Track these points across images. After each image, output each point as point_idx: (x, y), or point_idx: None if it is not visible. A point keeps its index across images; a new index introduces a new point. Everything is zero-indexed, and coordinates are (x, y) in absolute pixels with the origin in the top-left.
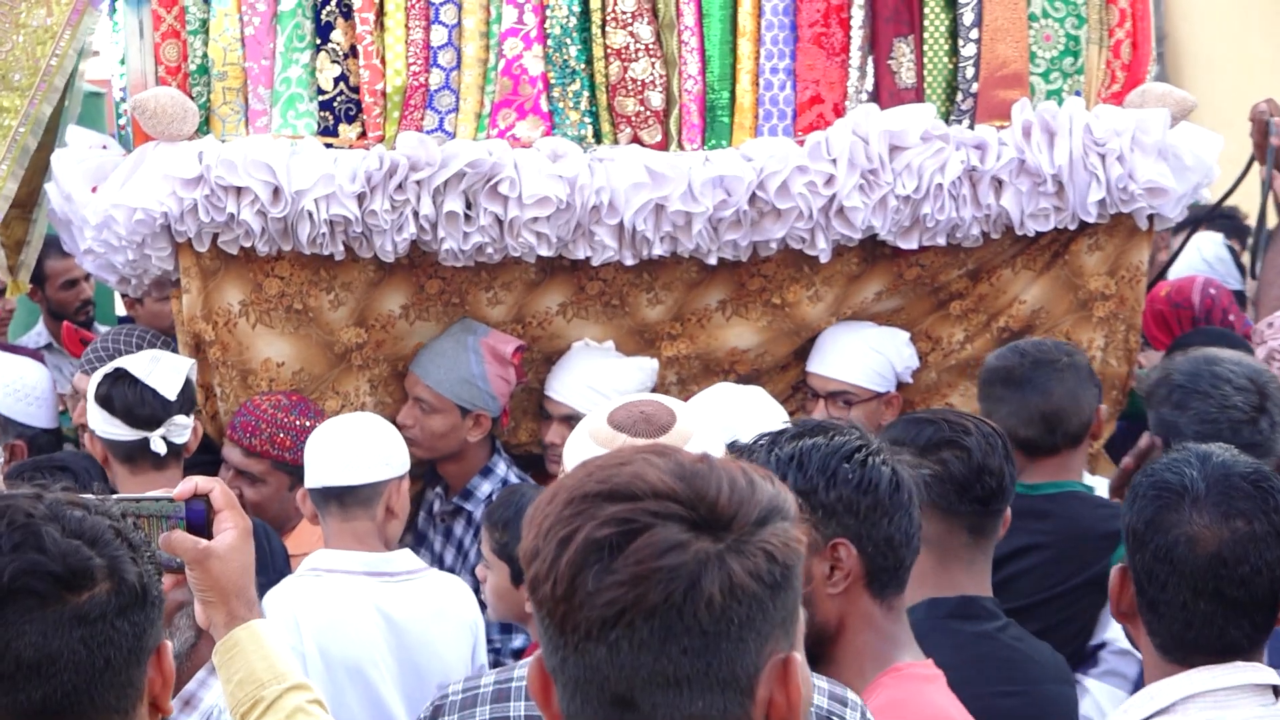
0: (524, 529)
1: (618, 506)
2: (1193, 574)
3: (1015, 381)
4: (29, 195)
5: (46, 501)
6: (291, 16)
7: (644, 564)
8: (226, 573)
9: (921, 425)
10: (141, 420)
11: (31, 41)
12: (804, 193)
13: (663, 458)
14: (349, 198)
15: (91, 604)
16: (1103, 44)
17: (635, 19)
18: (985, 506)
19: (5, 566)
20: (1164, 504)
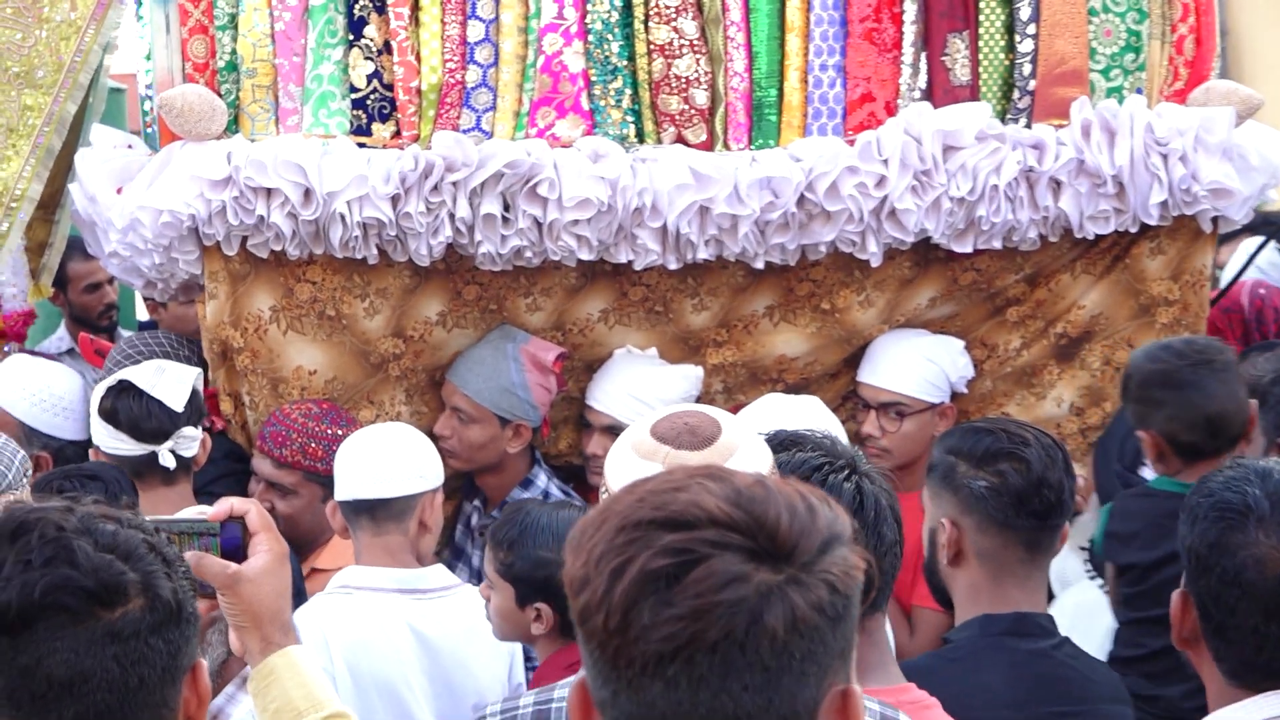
0: (569, 554)
1: (674, 535)
2: (1263, 596)
3: (1176, 384)
4: (51, 196)
5: (78, 514)
6: (323, 11)
7: (704, 597)
8: (259, 597)
9: (979, 435)
10: (148, 434)
11: (55, 37)
12: (854, 194)
13: (718, 482)
14: (383, 199)
15: (125, 621)
16: (1165, 39)
17: (680, 14)
18: (1043, 521)
19: (36, 582)
20: (1228, 525)
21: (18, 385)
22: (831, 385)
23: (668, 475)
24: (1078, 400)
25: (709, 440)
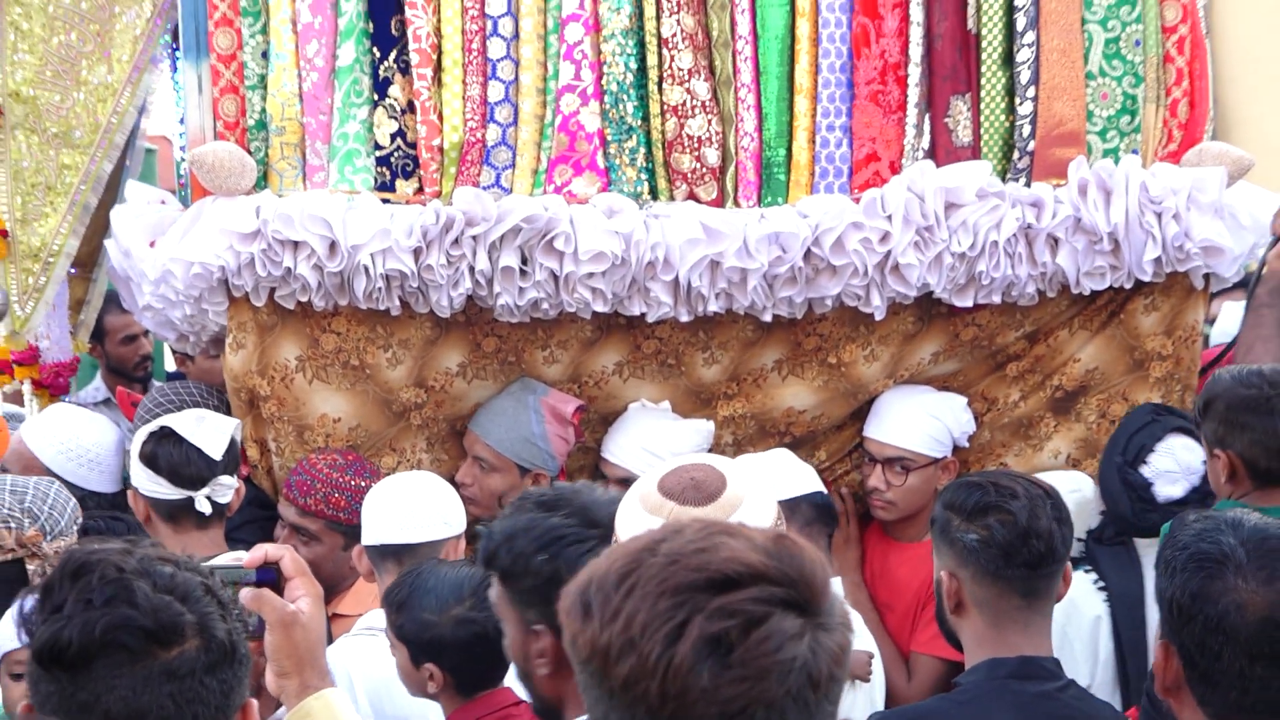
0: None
1: (725, 597)
2: (1247, 640)
3: (1266, 410)
4: (89, 255)
5: (137, 556)
6: (349, 72)
7: (766, 657)
8: (306, 641)
9: (970, 490)
10: (186, 480)
11: (92, 99)
12: (859, 249)
13: (739, 538)
14: (405, 252)
15: (181, 660)
16: (1160, 103)
17: (692, 76)
18: (1034, 570)
19: (97, 621)
20: (1207, 575)
21: (50, 434)
22: (838, 437)
23: (684, 533)
24: (1074, 452)
25: (713, 496)
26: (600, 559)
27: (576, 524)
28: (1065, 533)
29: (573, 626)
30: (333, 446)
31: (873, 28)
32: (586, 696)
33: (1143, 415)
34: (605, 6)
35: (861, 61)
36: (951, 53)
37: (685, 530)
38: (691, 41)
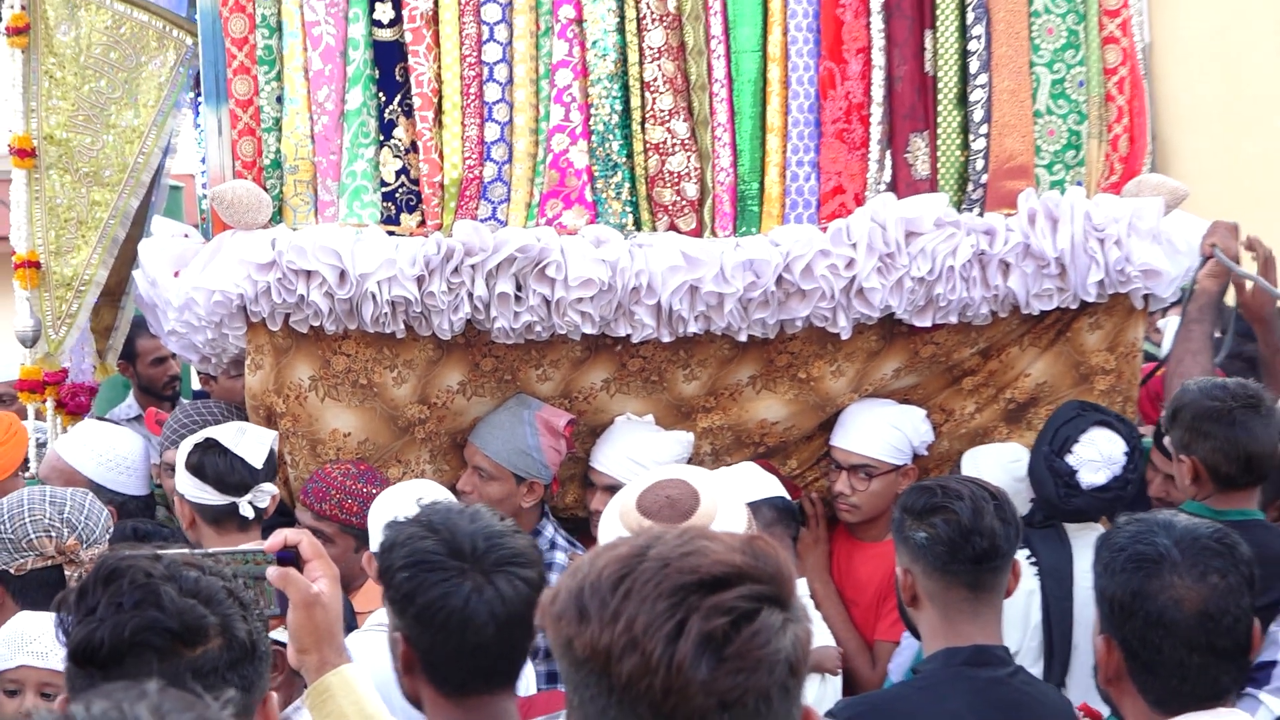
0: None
1: (717, 597)
2: (1185, 632)
3: (1228, 420)
4: (117, 284)
5: (164, 562)
6: (357, 115)
7: (758, 650)
8: (326, 619)
9: (920, 493)
10: (231, 487)
11: (120, 141)
12: (826, 275)
13: (715, 541)
14: (409, 280)
15: (205, 658)
16: (1102, 139)
17: (672, 116)
18: (979, 565)
19: (126, 623)
20: (1145, 574)
21: (87, 448)
22: (808, 447)
23: (666, 538)
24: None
25: (688, 514)
26: (583, 566)
27: (444, 553)
28: (1009, 531)
29: (567, 630)
30: (344, 458)
31: (838, 71)
32: (577, 695)
33: (1069, 410)
34: (592, 53)
35: (828, 102)
36: (910, 93)
37: (666, 536)
38: (672, 85)
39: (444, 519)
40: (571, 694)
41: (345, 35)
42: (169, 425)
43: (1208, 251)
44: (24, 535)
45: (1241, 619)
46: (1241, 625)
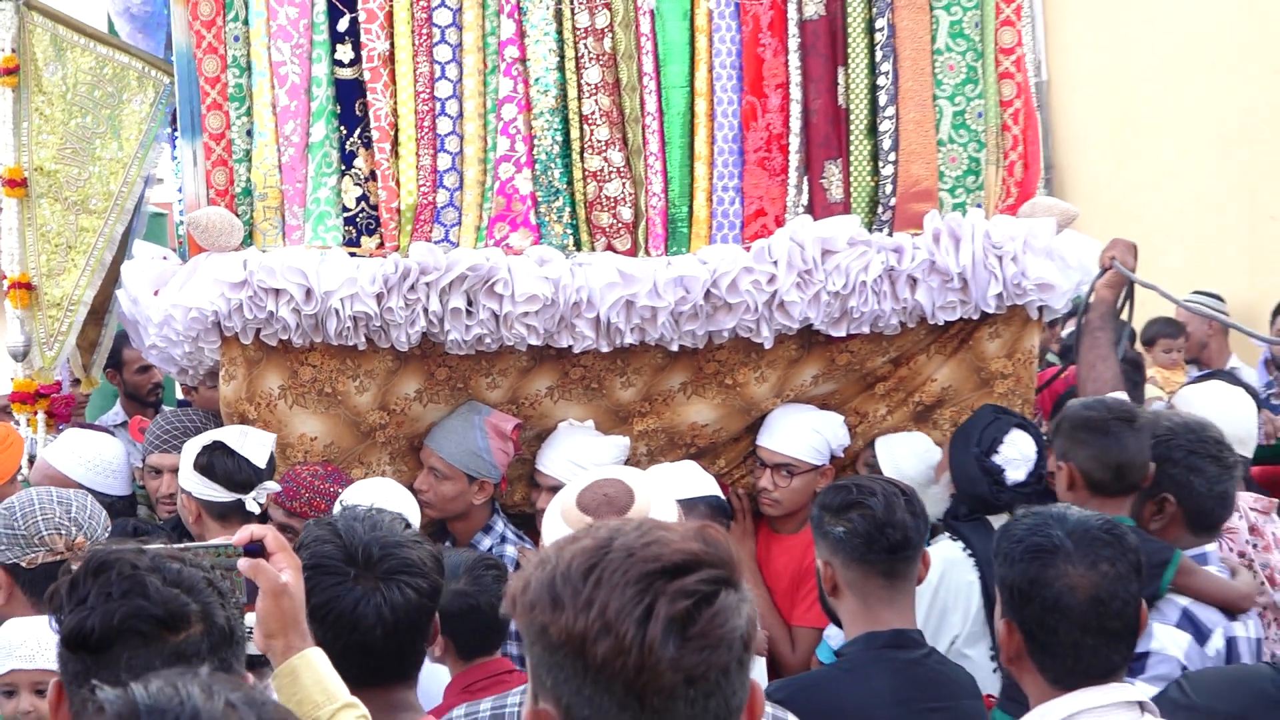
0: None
1: (680, 581)
2: (1079, 616)
3: (1099, 430)
4: (101, 303)
5: (149, 555)
6: (320, 147)
7: (719, 629)
8: (292, 606)
9: (837, 491)
10: (238, 484)
11: (105, 172)
12: (750, 290)
13: (671, 531)
14: (369, 297)
15: (187, 643)
16: (999, 165)
17: (608, 147)
18: (893, 555)
19: (115, 611)
20: (1042, 563)
21: (74, 454)
22: (735, 447)
23: (626, 530)
24: None
25: (623, 510)
26: (550, 558)
27: (340, 558)
28: (919, 524)
29: (542, 618)
30: (311, 460)
31: (759, 105)
32: (550, 678)
33: (987, 414)
34: (535, 89)
35: (750, 133)
36: (825, 125)
37: (625, 528)
38: (608, 118)
39: (347, 526)
40: (544, 676)
41: (309, 74)
42: (152, 431)
43: (1107, 263)
44: (36, 532)
45: (1130, 603)
46: (1130, 609)
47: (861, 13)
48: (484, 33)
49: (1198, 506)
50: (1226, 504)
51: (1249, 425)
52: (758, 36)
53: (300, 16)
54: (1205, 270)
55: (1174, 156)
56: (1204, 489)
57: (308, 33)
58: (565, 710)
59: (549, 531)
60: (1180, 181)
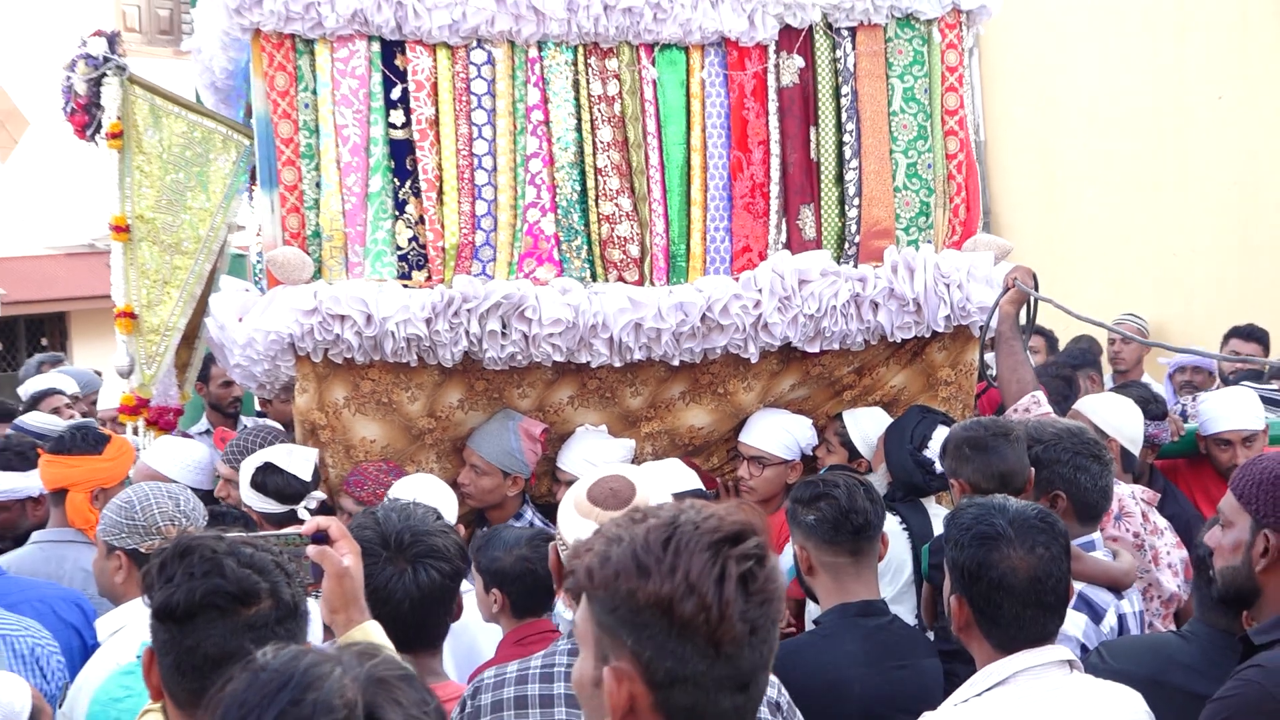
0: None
1: (740, 547)
2: (1020, 593)
3: (980, 447)
4: (191, 330)
5: (226, 541)
6: (378, 197)
7: (772, 584)
8: (352, 586)
9: (807, 485)
10: (288, 497)
11: (195, 219)
12: (739, 313)
13: (719, 508)
14: (420, 322)
15: (258, 616)
16: (946, 208)
17: (619, 194)
18: (857, 537)
19: (196, 588)
20: (987, 547)
21: (169, 456)
22: (724, 446)
23: (683, 508)
24: None
25: (627, 501)
26: (621, 536)
27: (377, 542)
28: (877, 509)
29: (627, 585)
30: (371, 459)
31: (744, 159)
32: (632, 637)
33: (915, 414)
34: (557, 146)
35: (737, 182)
36: (800, 175)
37: (684, 507)
38: (618, 170)
39: (385, 515)
40: (624, 637)
41: (367, 135)
42: (231, 445)
43: (1010, 283)
44: (154, 522)
45: (1061, 580)
46: (1061, 584)
47: (829, 81)
48: (514, 99)
49: (1085, 500)
50: (1108, 496)
51: (1137, 429)
52: (743, 101)
53: (360, 87)
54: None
55: (1092, 204)
56: (1089, 484)
57: (366, 100)
58: (646, 665)
59: (564, 518)
60: (1098, 225)
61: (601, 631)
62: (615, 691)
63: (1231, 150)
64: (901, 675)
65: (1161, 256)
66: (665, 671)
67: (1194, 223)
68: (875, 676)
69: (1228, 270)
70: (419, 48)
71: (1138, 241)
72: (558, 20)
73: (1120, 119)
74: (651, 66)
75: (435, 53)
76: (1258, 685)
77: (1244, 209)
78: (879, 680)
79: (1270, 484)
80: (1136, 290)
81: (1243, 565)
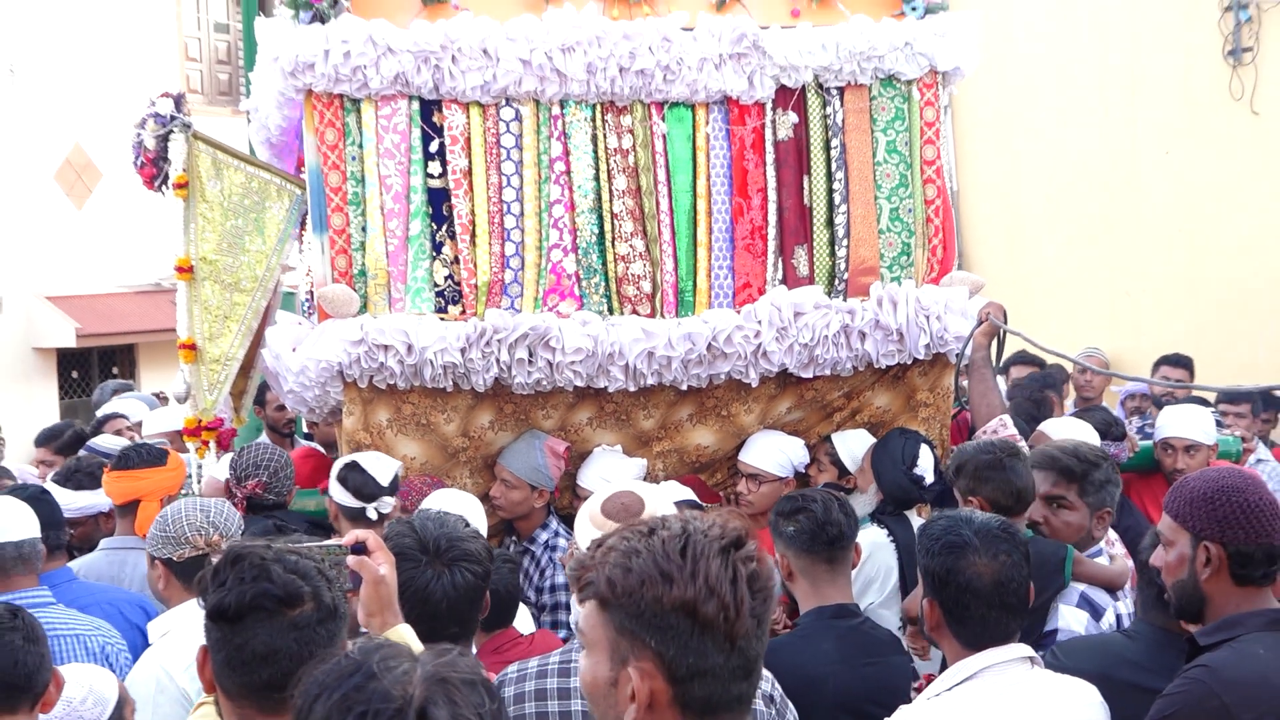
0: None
1: (743, 551)
2: (986, 596)
3: (999, 467)
4: (248, 360)
5: (274, 549)
6: (418, 239)
7: (770, 581)
8: (388, 592)
9: (788, 500)
10: (364, 495)
11: (252, 260)
12: (740, 343)
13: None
14: (455, 351)
15: (301, 617)
16: (925, 247)
17: (633, 236)
18: (832, 547)
19: (246, 591)
20: (956, 555)
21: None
22: (727, 463)
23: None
24: None
25: (637, 513)
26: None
27: (416, 548)
28: (851, 522)
29: (653, 591)
30: (412, 474)
31: (744, 204)
32: (655, 638)
33: (897, 436)
34: (577, 194)
35: (738, 226)
36: (794, 219)
37: (688, 518)
38: (632, 215)
39: (421, 524)
40: (646, 639)
41: (408, 184)
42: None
43: (984, 317)
44: (183, 533)
45: (1023, 584)
46: (1023, 588)
47: (820, 135)
48: (539, 152)
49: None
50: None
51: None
52: (743, 153)
53: (401, 141)
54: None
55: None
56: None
57: (406, 153)
58: (669, 663)
59: (580, 530)
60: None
61: (620, 635)
62: (640, 688)
63: (1177, 200)
64: (872, 671)
65: (1114, 295)
66: (687, 667)
67: (1143, 265)
68: (849, 673)
69: (1173, 307)
70: (454, 106)
71: (1093, 281)
72: (578, 81)
73: (1077, 171)
74: (662, 122)
75: (469, 110)
76: (1203, 684)
77: (1188, 253)
78: (852, 676)
79: (1201, 500)
80: (1092, 324)
81: (1189, 578)
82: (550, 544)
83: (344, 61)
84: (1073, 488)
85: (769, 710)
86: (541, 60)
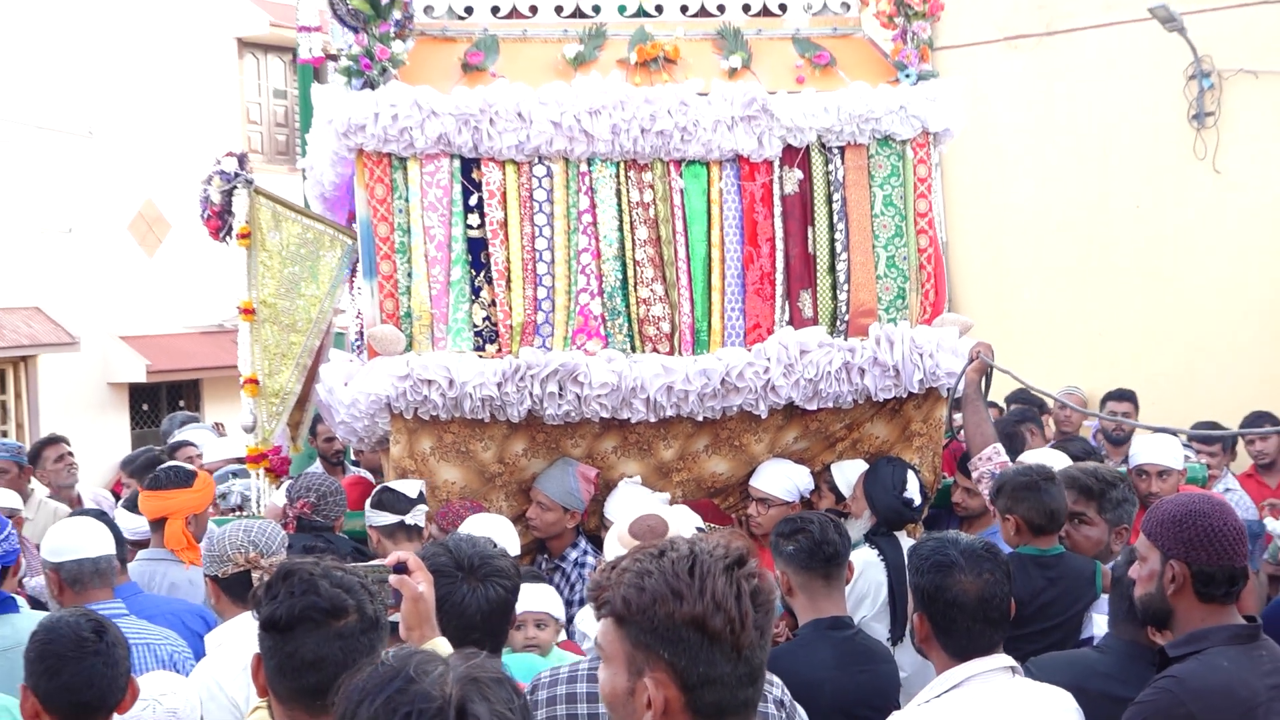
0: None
1: (746, 569)
2: (971, 611)
3: (1035, 489)
4: (303, 395)
5: (321, 566)
6: (458, 284)
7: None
8: (426, 608)
9: (788, 521)
10: (399, 509)
11: (307, 303)
12: (751, 378)
13: (719, 536)
14: (493, 386)
15: (346, 627)
16: (918, 291)
17: (654, 281)
18: (828, 564)
19: (296, 604)
20: (943, 573)
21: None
22: (739, 488)
23: (694, 539)
24: None
25: (662, 534)
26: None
27: (451, 565)
28: (844, 542)
29: (665, 608)
30: (453, 498)
31: (755, 252)
32: (668, 650)
33: (885, 464)
34: (603, 243)
35: (749, 272)
36: (800, 266)
37: (694, 539)
38: (653, 262)
39: (456, 543)
40: (660, 651)
41: (449, 234)
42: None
43: (974, 355)
44: (225, 552)
45: (1005, 599)
46: (1005, 603)
47: (823, 190)
48: (568, 205)
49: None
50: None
51: None
52: (754, 206)
53: (443, 195)
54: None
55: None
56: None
57: (448, 206)
58: (681, 672)
59: (609, 548)
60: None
61: (636, 649)
62: (656, 697)
63: (1146, 250)
64: (865, 678)
65: (1089, 335)
66: (698, 676)
67: (1115, 309)
68: (843, 679)
69: (1143, 348)
70: (491, 164)
71: (1070, 323)
72: (604, 141)
73: (1055, 224)
74: (680, 178)
75: (504, 168)
76: (1171, 694)
77: (1157, 298)
78: (846, 682)
79: (1172, 523)
80: (1070, 363)
81: (1156, 592)
82: (580, 561)
83: (392, 124)
84: (1092, 504)
85: (779, 714)
86: (571, 122)
